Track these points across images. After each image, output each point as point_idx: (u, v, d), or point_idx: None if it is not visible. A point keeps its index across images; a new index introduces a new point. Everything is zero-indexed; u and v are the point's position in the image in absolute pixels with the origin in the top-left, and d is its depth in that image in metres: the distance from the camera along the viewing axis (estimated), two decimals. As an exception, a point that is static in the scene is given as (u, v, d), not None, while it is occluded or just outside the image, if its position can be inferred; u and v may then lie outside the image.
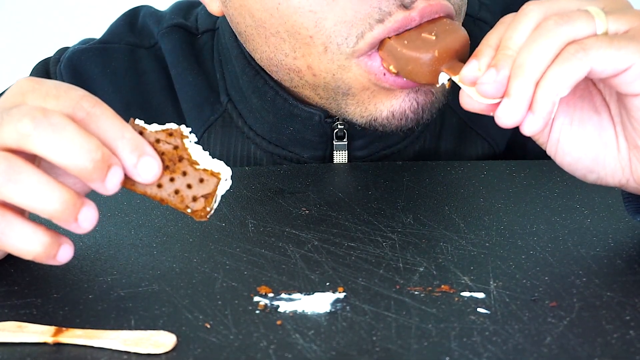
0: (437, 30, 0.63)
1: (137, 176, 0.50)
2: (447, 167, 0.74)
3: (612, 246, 0.58)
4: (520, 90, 0.52)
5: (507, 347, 0.45)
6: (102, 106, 0.50)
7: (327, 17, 0.65)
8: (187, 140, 0.52)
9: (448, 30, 0.63)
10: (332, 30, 0.65)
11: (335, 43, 0.66)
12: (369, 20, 0.64)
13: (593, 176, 0.57)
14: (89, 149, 0.48)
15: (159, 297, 0.52)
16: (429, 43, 0.62)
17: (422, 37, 0.63)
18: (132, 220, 0.64)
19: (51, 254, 0.50)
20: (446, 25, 0.64)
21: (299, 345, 0.46)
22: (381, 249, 0.58)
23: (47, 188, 0.48)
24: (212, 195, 0.51)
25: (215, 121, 0.81)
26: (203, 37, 0.84)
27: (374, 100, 0.68)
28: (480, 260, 0.56)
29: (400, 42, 0.63)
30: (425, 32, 0.63)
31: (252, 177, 0.73)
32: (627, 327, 0.47)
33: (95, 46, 0.86)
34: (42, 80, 0.51)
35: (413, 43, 0.63)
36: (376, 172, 0.74)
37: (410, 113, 0.68)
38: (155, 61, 0.84)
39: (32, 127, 0.48)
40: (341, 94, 0.69)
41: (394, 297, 0.51)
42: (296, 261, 0.56)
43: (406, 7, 0.64)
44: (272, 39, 0.69)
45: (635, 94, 0.52)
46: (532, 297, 0.51)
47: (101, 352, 0.46)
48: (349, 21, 0.65)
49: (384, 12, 0.64)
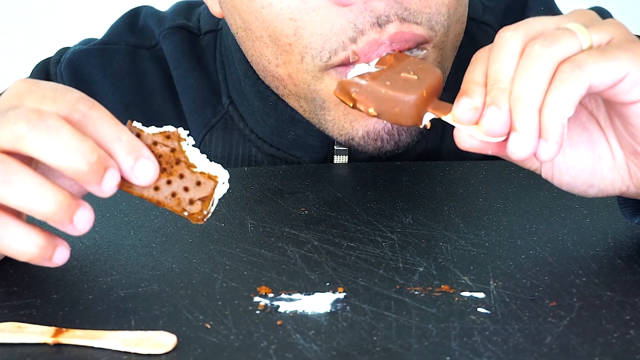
0: (413, 69, 0.59)
1: (134, 179, 0.50)
2: (447, 167, 0.74)
3: (612, 246, 0.58)
4: (526, 123, 0.50)
5: (508, 346, 0.45)
6: (98, 108, 0.50)
7: (305, 26, 0.66)
8: (184, 143, 0.52)
9: (423, 68, 0.59)
10: (308, 40, 0.66)
11: (310, 54, 0.67)
12: (342, 37, 0.65)
13: (594, 190, 0.56)
14: (84, 151, 0.48)
15: (159, 298, 0.52)
16: (413, 83, 0.58)
17: (402, 77, 0.58)
18: (131, 221, 0.64)
19: (47, 256, 0.50)
20: (419, 64, 0.61)
21: (299, 345, 0.46)
22: (381, 249, 0.58)
23: (42, 190, 0.48)
24: (209, 198, 0.51)
25: (216, 123, 0.82)
26: (205, 37, 0.84)
27: (349, 117, 0.69)
28: (480, 260, 0.56)
29: (381, 83, 0.58)
30: (403, 72, 0.59)
31: (251, 178, 0.73)
32: (627, 326, 0.47)
33: (95, 47, 0.86)
34: (39, 82, 0.51)
35: (396, 84, 0.58)
36: (376, 172, 0.74)
37: (385, 134, 0.69)
38: (156, 62, 0.84)
39: (28, 129, 0.48)
40: (319, 107, 0.70)
41: (394, 297, 0.51)
42: (296, 261, 0.56)
43: (380, 25, 0.64)
44: (257, 43, 0.70)
45: (633, 101, 0.52)
46: (532, 297, 0.51)
47: (101, 353, 0.46)
48: (324, 34, 0.66)
49: (358, 29, 0.65)
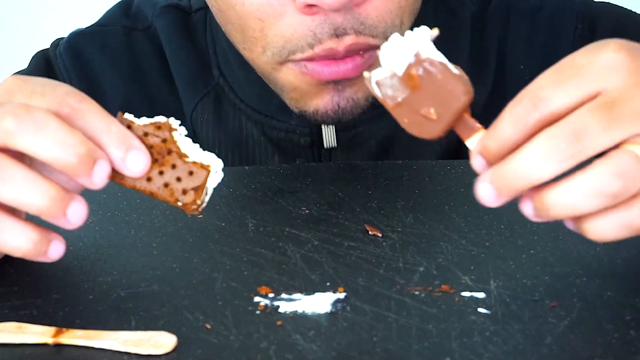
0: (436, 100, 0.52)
1: (125, 170, 0.51)
2: (447, 167, 0.74)
3: (613, 245, 0.57)
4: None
5: (508, 347, 0.45)
6: (87, 102, 0.51)
7: (271, 27, 0.70)
8: (176, 133, 0.52)
9: (447, 99, 0.52)
10: (272, 39, 0.71)
11: (271, 50, 0.71)
12: (302, 42, 0.69)
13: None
14: (72, 144, 0.48)
15: (159, 298, 0.52)
16: (430, 125, 0.52)
17: (422, 114, 0.53)
18: (132, 220, 0.64)
19: (41, 251, 0.50)
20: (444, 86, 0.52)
21: (299, 345, 0.46)
22: (381, 249, 0.58)
23: (34, 184, 0.48)
24: (202, 188, 0.51)
25: (207, 93, 0.86)
26: (196, 15, 0.88)
27: (303, 98, 0.75)
28: (480, 260, 0.56)
29: (400, 117, 0.53)
30: (424, 107, 0.52)
31: (251, 177, 0.73)
32: (627, 327, 0.47)
33: (92, 29, 0.90)
34: (29, 78, 0.52)
35: (414, 122, 0.53)
36: (376, 171, 0.74)
37: (332, 113, 0.74)
38: (150, 43, 0.88)
39: (15, 124, 0.48)
40: (279, 89, 0.76)
41: (394, 297, 0.51)
42: (296, 261, 0.56)
43: (338, 36, 0.68)
44: (229, 26, 0.74)
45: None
46: (533, 297, 0.51)
47: (101, 353, 0.46)
48: (286, 37, 0.70)
49: (317, 37, 0.69)
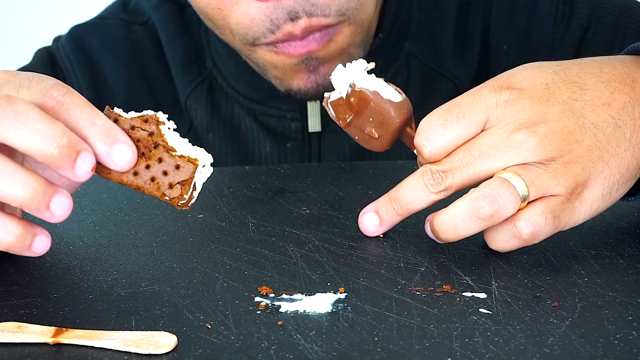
0: (375, 121, 0.59)
1: (111, 164, 0.50)
2: (448, 166, 0.73)
3: (614, 245, 0.57)
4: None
5: (509, 347, 0.45)
6: (72, 94, 0.50)
7: (230, 16, 0.74)
8: (163, 126, 0.51)
9: (383, 121, 0.58)
10: (234, 27, 0.75)
11: (238, 36, 0.75)
12: (262, 28, 0.73)
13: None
14: (53, 134, 0.48)
15: (159, 297, 0.52)
16: (375, 142, 0.59)
17: (366, 133, 0.59)
18: (132, 220, 0.64)
19: (25, 244, 0.50)
20: (379, 114, 0.59)
21: (300, 345, 0.46)
22: (382, 249, 0.58)
23: (15, 176, 0.48)
24: (189, 182, 0.51)
25: (201, 82, 0.89)
26: (190, 8, 0.91)
27: (286, 77, 0.78)
28: (481, 260, 0.56)
29: (352, 133, 0.60)
30: (367, 127, 0.59)
31: (252, 177, 0.73)
32: (629, 327, 0.47)
33: (93, 21, 0.94)
34: (18, 73, 0.52)
35: (362, 139, 0.60)
36: (377, 171, 0.74)
37: (313, 90, 0.79)
38: (148, 35, 0.92)
39: None
40: (261, 68, 0.80)
41: (395, 297, 0.51)
42: (297, 261, 0.56)
43: (292, 20, 0.72)
44: (202, 15, 0.78)
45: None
46: (534, 297, 0.51)
47: (102, 353, 0.46)
48: (246, 24, 0.74)
49: (274, 23, 0.72)
